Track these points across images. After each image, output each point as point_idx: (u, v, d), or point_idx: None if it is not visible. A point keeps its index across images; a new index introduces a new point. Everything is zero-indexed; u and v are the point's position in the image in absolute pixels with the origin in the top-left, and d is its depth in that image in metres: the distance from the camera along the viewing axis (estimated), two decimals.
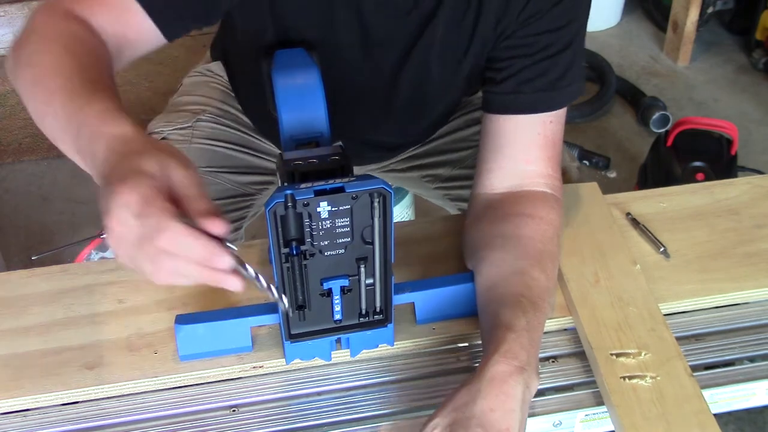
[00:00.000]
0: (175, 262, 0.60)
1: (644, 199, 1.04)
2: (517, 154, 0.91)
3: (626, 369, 0.81)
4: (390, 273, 0.76)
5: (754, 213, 1.02)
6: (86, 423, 0.81)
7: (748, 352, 0.88)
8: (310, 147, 0.79)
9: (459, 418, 0.71)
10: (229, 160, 1.12)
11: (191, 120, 1.11)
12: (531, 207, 0.89)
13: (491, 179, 0.92)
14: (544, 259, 0.85)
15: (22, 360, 0.85)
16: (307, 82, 0.82)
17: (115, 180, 0.61)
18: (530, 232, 0.87)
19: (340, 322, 0.80)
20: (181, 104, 1.15)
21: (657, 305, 0.88)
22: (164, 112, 1.15)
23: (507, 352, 0.74)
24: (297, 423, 0.81)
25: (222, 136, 1.12)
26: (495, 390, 0.72)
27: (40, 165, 2.37)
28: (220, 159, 1.11)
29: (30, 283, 0.94)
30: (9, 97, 2.57)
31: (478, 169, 0.94)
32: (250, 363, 0.85)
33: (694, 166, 1.95)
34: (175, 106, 1.15)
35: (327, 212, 0.70)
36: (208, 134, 1.11)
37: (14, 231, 2.14)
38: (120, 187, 0.60)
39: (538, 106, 0.89)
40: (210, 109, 1.13)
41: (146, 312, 0.90)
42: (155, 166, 0.62)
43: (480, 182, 0.94)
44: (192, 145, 1.09)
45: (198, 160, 1.08)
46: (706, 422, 0.76)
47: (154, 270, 0.62)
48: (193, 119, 1.11)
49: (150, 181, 0.60)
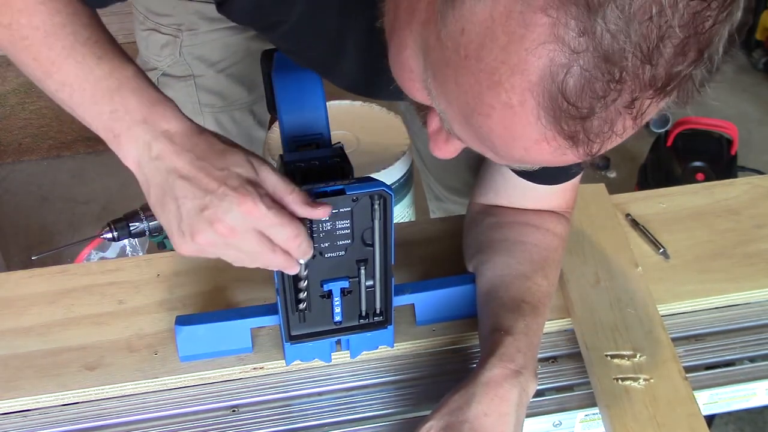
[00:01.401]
0: (275, 254, 0.65)
1: (644, 200, 1.04)
2: (525, 195, 0.88)
3: (620, 370, 0.81)
4: (390, 275, 0.76)
5: (754, 213, 1.02)
6: (86, 423, 0.81)
7: (749, 352, 0.88)
8: (311, 148, 0.79)
9: (452, 422, 0.71)
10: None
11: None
12: (538, 219, 0.88)
13: (497, 197, 0.90)
14: (547, 265, 0.85)
15: (22, 360, 0.85)
16: (307, 82, 0.82)
17: (215, 186, 0.61)
18: (535, 240, 0.86)
19: (340, 324, 0.80)
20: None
21: (656, 307, 0.88)
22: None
23: (503, 356, 0.74)
24: (297, 423, 0.81)
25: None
26: (490, 394, 0.72)
27: (40, 165, 2.38)
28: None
29: (30, 283, 0.94)
30: (9, 97, 2.57)
31: (481, 179, 0.92)
32: (251, 364, 0.85)
33: (694, 166, 1.95)
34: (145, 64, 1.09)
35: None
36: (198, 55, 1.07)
37: (14, 231, 2.14)
38: (235, 196, 0.61)
39: (559, 179, 0.87)
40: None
41: (146, 313, 0.90)
42: (247, 166, 0.63)
43: (482, 192, 0.92)
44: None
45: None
46: (696, 425, 0.77)
47: (246, 259, 0.65)
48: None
49: (256, 188, 0.62)
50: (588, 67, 0.43)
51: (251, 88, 1.10)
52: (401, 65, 0.54)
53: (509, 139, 0.49)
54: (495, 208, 0.90)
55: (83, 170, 2.36)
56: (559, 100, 0.44)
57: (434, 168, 1.23)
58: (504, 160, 0.53)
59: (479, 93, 0.47)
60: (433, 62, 0.50)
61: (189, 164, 0.62)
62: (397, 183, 1.71)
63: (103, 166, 2.35)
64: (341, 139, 0.90)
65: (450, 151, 0.59)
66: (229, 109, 1.10)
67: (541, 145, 0.48)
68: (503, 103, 0.46)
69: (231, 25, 1.02)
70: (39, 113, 2.55)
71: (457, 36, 0.47)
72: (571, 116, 0.45)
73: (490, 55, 0.45)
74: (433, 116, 0.58)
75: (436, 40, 0.49)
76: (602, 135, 0.47)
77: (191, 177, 0.62)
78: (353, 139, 1.73)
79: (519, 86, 0.45)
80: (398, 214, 1.68)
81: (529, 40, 0.43)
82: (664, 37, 0.43)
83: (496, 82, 0.46)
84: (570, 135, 0.46)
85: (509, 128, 0.48)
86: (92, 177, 2.33)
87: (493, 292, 0.83)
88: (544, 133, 0.47)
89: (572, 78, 0.44)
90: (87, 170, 2.36)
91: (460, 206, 1.20)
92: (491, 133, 0.49)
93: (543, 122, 0.46)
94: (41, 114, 2.55)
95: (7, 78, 2.68)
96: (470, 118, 0.49)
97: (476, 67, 0.46)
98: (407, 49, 0.53)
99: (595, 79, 0.44)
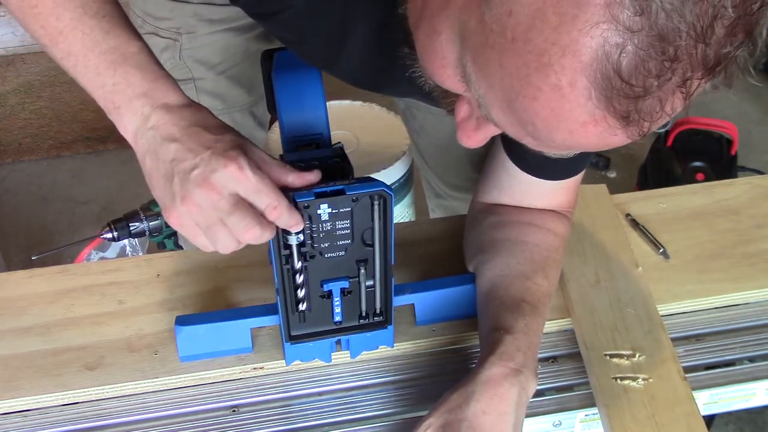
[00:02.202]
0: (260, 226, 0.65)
1: (644, 200, 1.04)
2: (530, 191, 0.88)
3: (619, 370, 0.81)
4: (390, 275, 0.77)
5: (754, 213, 1.02)
6: (86, 423, 0.81)
7: (748, 352, 0.88)
8: (311, 148, 0.79)
9: (451, 420, 0.71)
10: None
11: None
12: (540, 219, 0.88)
13: (501, 195, 0.90)
14: (548, 266, 0.85)
15: (22, 360, 0.85)
16: (307, 82, 0.82)
17: (204, 149, 0.62)
18: (536, 240, 0.86)
19: (340, 324, 0.80)
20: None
21: (656, 307, 0.88)
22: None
23: (503, 354, 0.74)
24: (297, 423, 0.81)
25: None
26: (489, 393, 0.72)
27: (40, 165, 2.38)
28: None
29: (30, 283, 0.94)
30: (9, 97, 2.57)
31: (485, 176, 0.92)
32: (251, 364, 0.85)
33: (694, 166, 1.95)
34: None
35: (327, 214, 0.70)
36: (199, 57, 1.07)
37: (14, 231, 2.14)
38: (222, 158, 0.62)
39: (564, 173, 0.87)
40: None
41: (146, 313, 0.90)
42: (237, 138, 0.64)
43: (486, 190, 0.92)
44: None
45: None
46: (695, 425, 0.77)
47: (238, 232, 0.65)
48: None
49: (243, 154, 0.63)
50: (643, 46, 0.44)
51: (251, 89, 1.10)
52: (432, 52, 0.54)
53: (554, 122, 0.49)
54: (498, 206, 0.90)
55: (83, 170, 2.37)
56: (613, 79, 0.45)
57: (436, 165, 1.23)
58: (543, 146, 0.53)
59: (526, 75, 0.47)
60: (473, 46, 0.50)
61: (182, 130, 0.63)
62: (397, 183, 1.71)
63: (103, 166, 2.35)
64: (341, 139, 0.90)
65: (479, 139, 0.59)
66: (230, 111, 1.10)
67: (587, 128, 0.48)
68: (552, 85, 0.46)
69: (230, 26, 1.02)
70: (39, 113, 2.55)
71: (504, 18, 0.47)
72: (625, 95, 0.45)
73: (539, 37, 0.45)
74: (462, 104, 0.58)
75: (478, 23, 0.49)
76: (654, 114, 0.47)
77: (182, 140, 0.63)
78: (353, 139, 1.74)
79: (570, 67, 0.45)
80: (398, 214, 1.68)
81: (583, 21, 0.44)
82: (717, 16, 0.43)
83: (546, 63, 0.46)
84: (623, 115, 0.47)
85: (556, 111, 0.48)
86: (92, 177, 2.34)
87: (494, 291, 0.83)
88: (593, 114, 0.47)
89: (627, 57, 0.44)
90: (87, 170, 2.36)
91: (460, 202, 1.20)
92: (536, 117, 0.49)
93: (594, 102, 0.46)
94: (41, 114, 2.55)
95: (7, 78, 2.68)
96: (514, 101, 0.49)
97: (524, 49, 0.46)
98: (441, 35, 0.52)
99: (650, 58, 0.44)
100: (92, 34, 0.65)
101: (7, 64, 2.73)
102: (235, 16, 1.00)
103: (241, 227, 0.64)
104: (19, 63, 2.74)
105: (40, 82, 2.64)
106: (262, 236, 0.65)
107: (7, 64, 2.73)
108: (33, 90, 2.62)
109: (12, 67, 2.72)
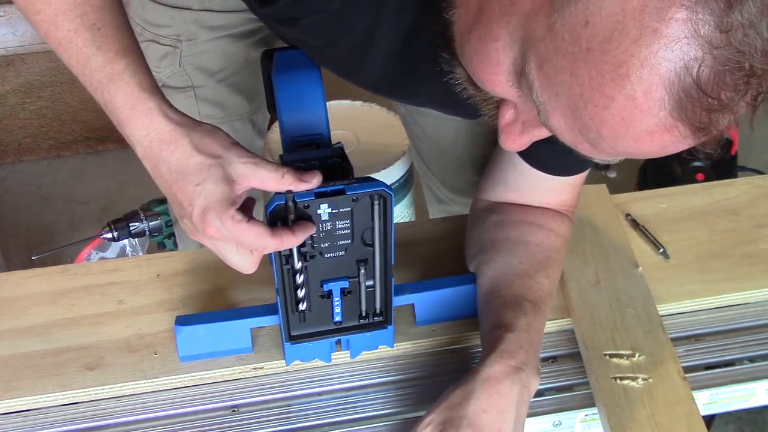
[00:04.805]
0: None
1: (644, 200, 1.04)
2: (536, 187, 0.88)
3: (619, 370, 0.81)
4: (390, 275, 0.77)
5: (754, 213, 1.02)
6: (86, 423, 0.81)
7: (748, 352, 0.88)
8: (311, 148, 0.79)
9: (451, 417, 0.71)
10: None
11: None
12: (542, 218, 0.88)
13: (506, 192, 0.90)
14: (549, 265, 0.85)
15: (22, 360, 0.85)
16: (307, 82, 0.82)
17: (186, 205, 0.65)
18: (538, 240, 0.86)
19: (340, 324, 0.80)
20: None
21: (656, 307, 0.88)
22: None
23: (504, 352, 0.74)
24: (297, 423, 0.81)
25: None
26: (489, 390, 0.72)
27: (40, 165, 2.38)
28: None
29: (30, 283, 0.94)
30: (9, 97, 2.57)
31: (488, 174, 0.92)
32: (251, 364, 0.85)
33: (694, 166, 1.95)
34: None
35: (327, 214, 0.70)
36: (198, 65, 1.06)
37: (14, 231, 2.14)
38: (202, 225, 0.64)
39: (574, 169, 0.87)
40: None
41: (146, 313, 0.90)
42: (220, 180, 0.64)
43: (489, 188, 0.92)
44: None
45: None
46: (694, 425, 0.77)
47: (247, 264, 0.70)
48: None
49: (222, 206, 0.64)
50: (723, 60, 0.45)
51: (251, 97, 1.10)
52: (485, 57, 0.54)
53: (622, 131, 0.49)
54: (501, 205, 0.91)
55: (83, 170, 2.36)
56: (691, 91, 0.46)
57: (438, 169, 1.23)
58: (599, 153, 0.53)
59: (600, 84, 0.47)
60: (540, 54, 0.50)
61: (162, 177, 0.65)
62: (397, 183, 1.71)
63: (103, 166, 2.35)
64: (341, 139, 0.90)
65: (523, 143, 0.59)
66: (230, 119, 1.09)
67: (653, 136, 0.49)
68: (626, 95, 0.47)
69: (230, 32, 1.01)
70: (39, 113, 2.55)
71: (579, 28, 0.47)
72: (702, 107, 0.46)
73: (618, 48, 0.46)
74: (506, 108, 0.58)
75: (547, 31, 0.49)
76: (724, 124, 0.48)
77: (170, 193, 0.66)
78: (353, 139, 1.74)
79: (647, 79, 0.46)
80: (398, 214, 1.68)
81: (664, 35, 0.44)
82: None
83: (623, 74, 0.46)
84: (697, 125, 0.48)
85: (626, 120, 0.48)
86: (92, 177, 2.33)
87: (495, 290, 0.83)
88: (664, 123, 0.48)
89: (706, 70, 0.45)
90: (87, 170, 2.36)
91: (462, 207, 1.20)
92: (603, 125, 0.49)
93: (667, 113, 0.47)
94: (41, 114, 2.55)
95: (7, 78, 2.68)
96: (581, 110, 0.49)
97: (600, 59, 0.47)
98: (497, 41, 0.53)
99: (728, 72, 0.45)
100: (85, 49, 0.65)
101: (7, 64, 2.72)
102: (236, 23, 1.00)
103: (239, 262, 0.69)
104: (19, 63, 2.74)
105: (40, 82, 2.63)
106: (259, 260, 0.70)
107: (7, 64, 2.72)
108: (33, 90, 2.61)
109: (12, 67, 2.72)
